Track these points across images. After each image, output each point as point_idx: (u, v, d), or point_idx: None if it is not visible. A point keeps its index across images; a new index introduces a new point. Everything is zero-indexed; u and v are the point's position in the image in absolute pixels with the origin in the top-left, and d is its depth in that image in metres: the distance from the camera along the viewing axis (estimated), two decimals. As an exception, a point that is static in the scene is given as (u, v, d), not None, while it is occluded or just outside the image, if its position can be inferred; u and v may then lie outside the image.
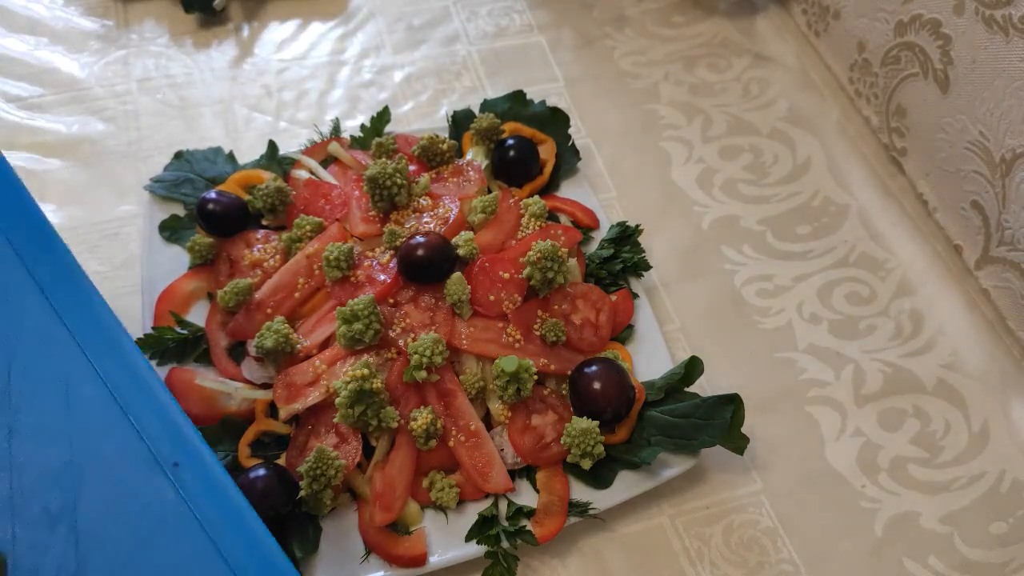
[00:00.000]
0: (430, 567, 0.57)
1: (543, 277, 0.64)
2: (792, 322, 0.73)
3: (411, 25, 0.94)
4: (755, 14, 0.97)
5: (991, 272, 0.73)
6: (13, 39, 0.88)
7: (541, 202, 0.70)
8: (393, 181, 0.67)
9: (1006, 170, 0.69)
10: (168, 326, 0.66)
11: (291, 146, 0.79)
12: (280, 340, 0.62)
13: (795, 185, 0.83)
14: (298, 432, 0.61)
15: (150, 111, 0.84)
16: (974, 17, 0.70)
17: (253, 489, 0.56)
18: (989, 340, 0.72)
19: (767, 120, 0.87)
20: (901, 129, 0.81)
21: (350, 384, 0.57)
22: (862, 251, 0.78)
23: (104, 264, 0.73)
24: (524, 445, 0.61)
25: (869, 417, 0.68)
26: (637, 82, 0.90)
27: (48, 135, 0.81)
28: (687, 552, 0.61)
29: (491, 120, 0.76)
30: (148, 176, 0.75)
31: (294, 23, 0.93)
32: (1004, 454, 0.66)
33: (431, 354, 0.59)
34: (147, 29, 0.91)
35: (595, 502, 0.60)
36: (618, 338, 0.68)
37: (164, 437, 0.43)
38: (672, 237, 0.78)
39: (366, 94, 0.88)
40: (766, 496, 0.64)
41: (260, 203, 0.70)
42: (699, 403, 0.62)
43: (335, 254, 0.65)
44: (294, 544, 0.57)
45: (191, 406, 0.62)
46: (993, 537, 0.63)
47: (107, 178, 0.79)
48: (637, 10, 0.97)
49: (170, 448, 0.43)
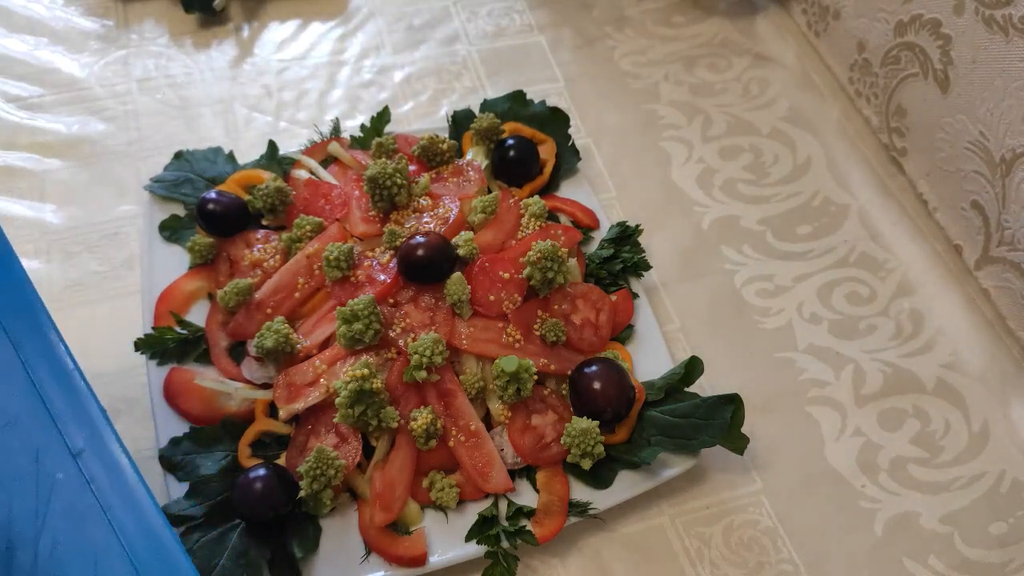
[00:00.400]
0: (430, 567, 0.57)
1: (543, 277, 0.64)
2: (792, 322, 0.73)
3: (411, 25, 0.94)
4: (755, 14, 0.97)
5: (991, 272, 0.73)
6: (13, 39, 0.88)
7: (541, 202, 0.70)
8: (393, 181, 0.67)
9: (1006, 170, 0.69)
10: (168, 326, 0.66)
11: (291, 146, 0.79)
12: (280, 340, 0.62)
13: (795, 185, 0.83)
14: (298, 432, 0.61)
15: (150, 111, 0.84)
16: (974, 17, 0.70)
17: (253, 489, 0.56)
18: (989, 340, 0.72)
19: (767, 120, 0.87)
20: (901, 129, 0.81)
21: (350, 384, 0.57)
22: (862, 251, 0.78)
23: (104, 264, 0.73)
24: (524, 445, 0.61)
25: (869, 417, 0.68)
26: (637, 82, 0.90)
27: (48, 135, 0.81)
28: (687, 552, 0.61)
29: (491, 120, 0.76)
30: (148, 176, 0.75)
31: (294, 23, 0.93)
32: (1004, 454, 0.66)
33: (431, 354, 0.59)
34: (147, 29, 0.91)
35: (595, 502, 0.60)
36: (618, 338, 0.68)
37: (73, 422, 0.42)
38: (672, 237, 0.78)
39: (366, 94, 0.88)
40: (766, 496, 0.64)
41: (260, 203, 0.70)
42: (699, 403, 0.62)
43: (335, 254, 0.65)
44: (294, 544, 0.57)
45: (191, 406, 0.62)
46: (993, 537, 0.63)
47: (107, 178, 0.79)
48: (637, 10, 0.97)
49: (78, 434, 0.42)
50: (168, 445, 0.60)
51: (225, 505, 0.58)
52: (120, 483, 0.41)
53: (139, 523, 0.40)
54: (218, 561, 0.55)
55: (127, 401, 0.66)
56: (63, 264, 0.73)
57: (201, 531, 0.56)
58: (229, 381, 0.64)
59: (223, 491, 0.58)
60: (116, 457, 0.42)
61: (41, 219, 0.76)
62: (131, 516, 0.40)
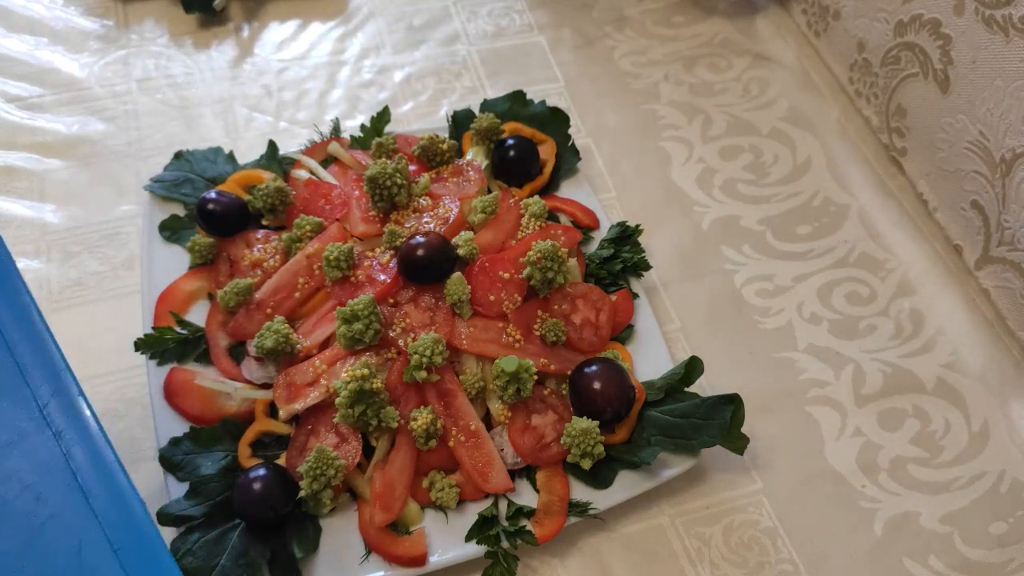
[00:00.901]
0: (430, 567, 0.57)
1: (543, 277, 0.64)
2: (792, 322, 0.73)
3: (411, 25, 0.94)
4: (755, 14, 0.97)
5: (991, 272, 0.73)
6: (13, 39, 0.88)
7: (541, 202, 0.70)
8: (393, 181, 0.67)
9: (1006, 170, 0.69)
10: (168, 326, 0.66)
11: (291, 146, 0.79)
12: (280, 340, 0.62)
13: (795, 185, 0.83)
14: (298, 432, 0.61)
15: (150, 111, 0.84)
16: (974, 17, 0.70)
17: (253, 489, 0.56)
18: (989, 340, 0.72)
19: (767, 120, 0.87)
20: (901, 129, 0.81)
21: (350, 384, 0.57)
22: (862, 251, 0.78)
23: (104, 264, 0.73)
24: (524, 445, 0.61)
25: (869, 417, 0.68)
26: (637, 82, 0.90)
27: (48, 135, 0.81)
28: (687, 552, 0.61)
29: (491, 120, 0.76)
30: (148, 176, 0.75)
31: (294, 23, 0.93)
32: (1004, 454, 0.66)
33: (431, 354, 0.59)
34: (147, 29, 0.91)
35: (595, 502, 0.60)
36: (618, 338, 0.68)
37: (42, 377, 0.42)
38: (672, 237, 0.78)
39: (366, 94, 0.88)
40: (766, 496, 0.64)
41: (260, 203, 0.70)
42: (699, 403, 0.62)
43: (335, 254, 0.65)
44: (294, 544, 0.57)
45: (191, 406, 0.62)
46: (993, 537, 0.63)
47: (107, 178, 0.79)
48: (637, 10, 0.97)
49: (46, 389, 0.42)
50: (168, 445, 0.60)
51: (225, 505, 0.58)
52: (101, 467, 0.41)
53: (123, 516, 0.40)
54: (218, 561, 0.55)
55: (127, 401, 0.66)
56: (63, 264, 0.73)
57: (201, 531, 0.56)
58: (229, 381, 0.64)
59: (223, 491, 0.58)
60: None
61: (41, 219, 0.76)
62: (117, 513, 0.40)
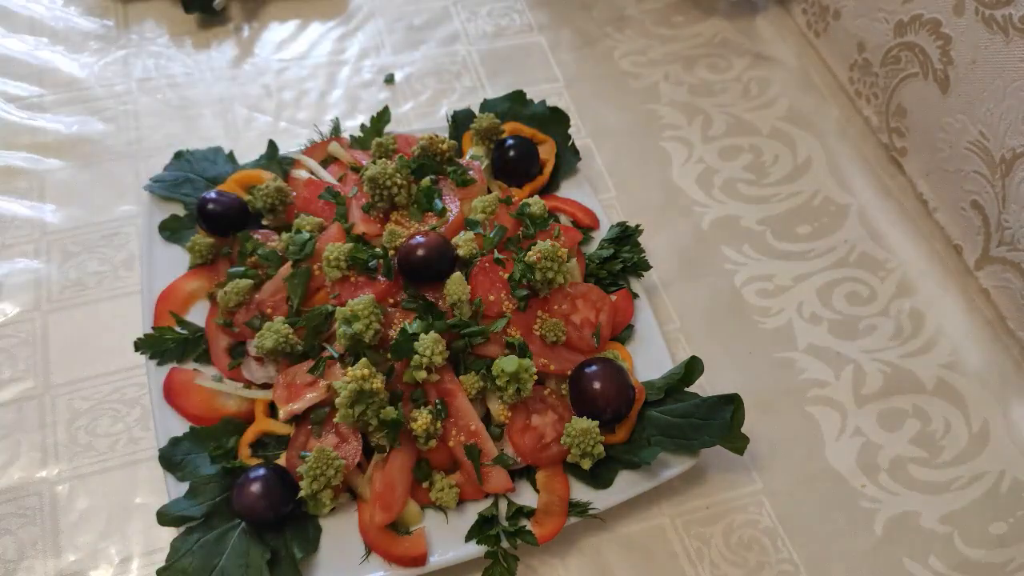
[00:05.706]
0: (430, 567, 0.57)
1: (543, 277, 0.64)
2: (792, 322, 0.73)
3: (411, 25, 0.94)
4: (755, 14, 0.97)
5: (991, 272, 0.73)
6: (13, 39, 0.88)
7: (541, 202, 0.70)
8: (393, 181, 0.67)
9: (1006, 170, 0.69)
10: (168, 326, 0.66)
11: (291, 146, 0.79)
12: (280, 340, 0.62)
13: (795, 185, 0.83)
14: (298, 432, 0.61)
15: (150, 111, 0.84)
16: (974, 17, 0.70)
17: (253, 489, 0.56)
18: (989, 340, 0.72)
19: (767, 120, 0.87)
20: (901, 129, 0.81)
21: (350, 384, 0.57)
22: (862, 251, 0.78)
23: (104, 264, 0.73)
24: (524, 445, 0.61)
25: (869, 417, 0.68)
26: (637, 82, 0.90)
27: (48, 135, 0.81)
28: (687, 552, 0.61)
29: (491, 120, 0.76)
30: (148, 176, 0.74)
31: (294, 23, 0.93)
32: (1004, 454, 0.66)
33: (431, 354, 0.59)
34: (147, 29, 0.91)
35: (595, 502, 0.60)
36: (618, 338, 0.68)
37: None
38: (672, 237, 0.78)
39: (366, 94, 0.88)
40: (766, 496, 0.64)
41: (260, 203, 0.70)
42: (699, 403, 0.62)
43: (335, 254, 0.65)
44: (294, 544, 0.57)
45: (191, 406, 0.62)
46: (993, 537, 0.63)
47: (107, 178, 0.79)
48: (637, 10, 0.97)
49: None
50: (168, 445, 0.60)
51: (225, 505, 0.58)
52: None
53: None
54: (218, 561, 0.55)
55: (127, 401, 0.66)
56: (63, 264, 0.73)
57: (201, 531, 0.56)
58: (229, 381, 0.64)
59: (223, 491, 0.58)
60: None
61: (41, 219, 0.76)
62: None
